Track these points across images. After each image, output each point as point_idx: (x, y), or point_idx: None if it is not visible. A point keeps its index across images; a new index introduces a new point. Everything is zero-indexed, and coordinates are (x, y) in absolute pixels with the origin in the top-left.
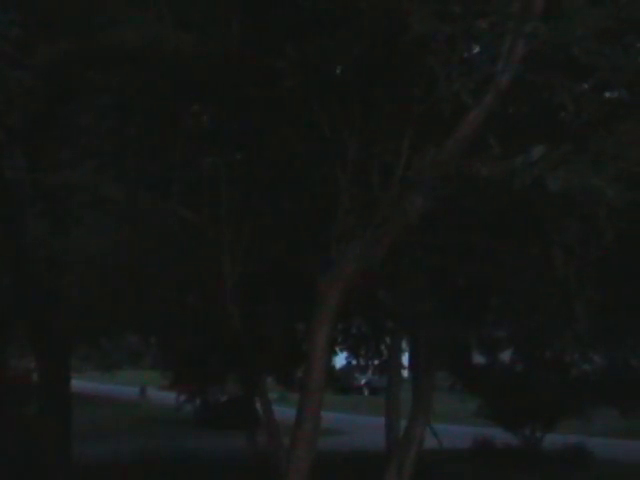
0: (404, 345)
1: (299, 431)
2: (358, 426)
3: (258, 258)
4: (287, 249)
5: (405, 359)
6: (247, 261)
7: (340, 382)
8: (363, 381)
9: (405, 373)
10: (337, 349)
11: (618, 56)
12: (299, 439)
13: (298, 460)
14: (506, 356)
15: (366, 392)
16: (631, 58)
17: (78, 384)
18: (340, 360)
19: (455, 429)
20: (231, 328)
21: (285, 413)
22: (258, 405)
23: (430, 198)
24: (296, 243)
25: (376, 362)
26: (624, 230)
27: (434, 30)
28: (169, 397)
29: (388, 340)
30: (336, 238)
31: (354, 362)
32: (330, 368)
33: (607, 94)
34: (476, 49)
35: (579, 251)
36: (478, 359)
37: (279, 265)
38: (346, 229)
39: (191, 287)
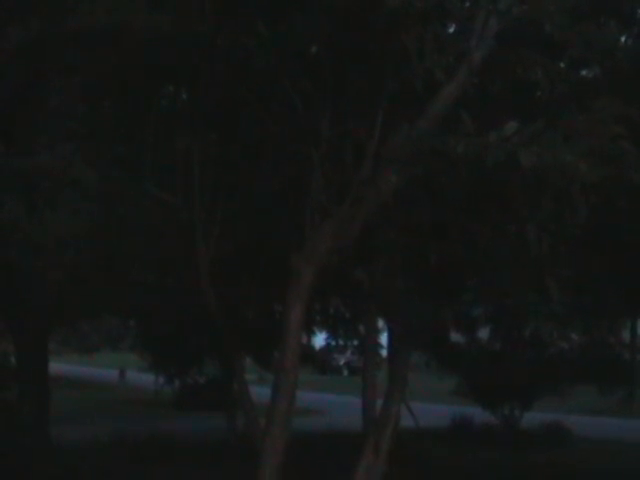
0: (384, 325)
1: (274, 410)
2: (337, 406)
3: (232, 238)
4: (261, 228)
5: (384, 339)
6: (221, 242)
7: (319, 362)
8: (342, 361)
9: (385, 353)
10: (316, 329)
11: (591, 33)
12: (274, 418)
13: (273, 439)
14: (484, 334)
15: (345, 372)
16: (604, 35)
17: (57, 367)
18: (319, 341)
19: (433, 408)
20: (206, 310)
21: (264, 393)
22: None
23: (404, 176)
24: (270, 222)
25: (355, 342)
26: (598, 207)
27: (407, 6)
28: (148, 379)
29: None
30: (309, 216)
31: (333, 343)
32: (309, 349)
33: (580, 71)
34: (449, 26)
35: (553, 228)
36: (456, 338)
37: (254, 245)
38: (319, 207)
39: (166, 269)
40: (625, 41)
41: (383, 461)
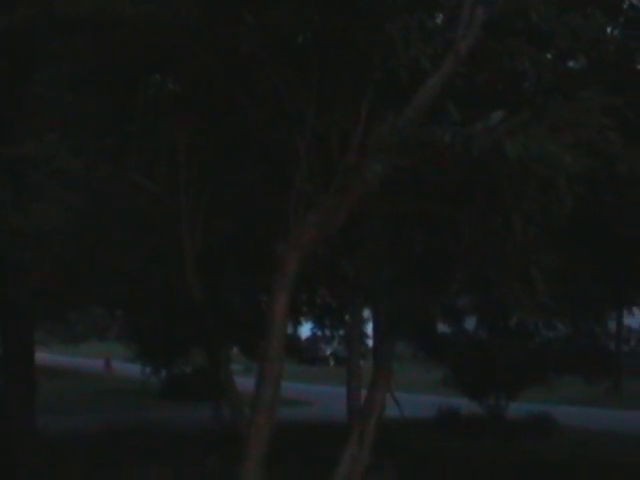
0: (370, 315)
1: (259, 400)
2: (324, 396)
3: (218, 228)
4: (247, 218)
5: (370, 328)
6: (207, 231)
7: (306, 353)
8: (329, 351)
9: (371, 343)
10: (302, 319)
11: (577, 23)
12: (259, 408)
13: (258, 429)
14: (471, 325)
15: (332, 362)
16: (590, 25)
17: (44, 357)
18: (305, 331)
19: (420, 398)
20: (192, 299)
21: (250, 383)
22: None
23: (389, 165)
24: (256, 212)
25: (341, 332)
26: (584, 198)
27: None
28: (135, 369)
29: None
30: (294, 205)
31: (319, 333)
32: (296, 339)
33: (568, 62)
34: (436, 15)
35: (538, 219)
36: (443, 328)
37: (240, 235)
38: (304, 196)
39: (152, 258)
40: (611, 32)
41: (368, 451)
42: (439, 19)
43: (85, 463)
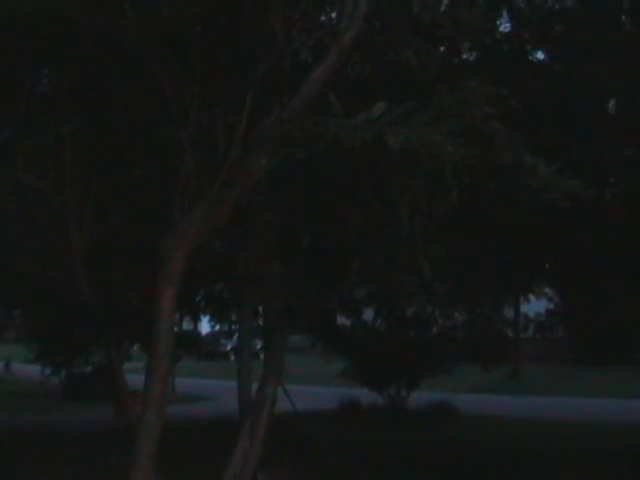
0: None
1: (148, 397)
2: (223, 392)
3: (106, 224)
4: (134, 214)
5: None
6: (94, 228)
7: (206, 348)
8: (229, 347)
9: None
10: (200, 315)
11: (461, 14)
12: (148, 404)
13: (148, 426)
14: (370, 315)
15: (232, 357)
16: (474, 17)
17: None
18: (206, 327)
19: (321, 390)
20: (81, 297)
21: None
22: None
23: (274, 157)
24: (142, 207)
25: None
26: (470, 187)
27: None
28: (35, 371)
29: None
30: (179, 200)
31: (217, 327)
32: (196, 335)
33: (458, 54)
34: (319, 7)
35: (424, 209)
36: (342, 320)
37: (128, 231)
38: (190, 190)
39: (45, 257)
40: (497, 23)
41: (260, 445)
42: (323, 11)
43: None
